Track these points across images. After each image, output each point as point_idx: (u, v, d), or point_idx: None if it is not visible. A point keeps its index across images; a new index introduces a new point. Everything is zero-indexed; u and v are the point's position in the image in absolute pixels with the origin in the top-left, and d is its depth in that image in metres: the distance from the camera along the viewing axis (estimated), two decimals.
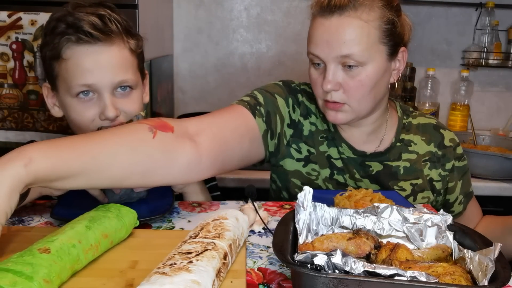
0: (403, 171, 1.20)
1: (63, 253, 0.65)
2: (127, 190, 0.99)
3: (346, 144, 1.20)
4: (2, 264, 0.59)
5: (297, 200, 0.73)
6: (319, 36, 1.07)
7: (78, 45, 0.98)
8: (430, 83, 2.45)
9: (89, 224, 0.73)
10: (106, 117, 1.00)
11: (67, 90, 1.02)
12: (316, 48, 1.07)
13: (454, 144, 1.24)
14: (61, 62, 1.00)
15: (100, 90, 1.00)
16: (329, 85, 1.05)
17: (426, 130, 1.24)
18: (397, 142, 1.21)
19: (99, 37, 0.98)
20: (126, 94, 1.04)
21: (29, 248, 0.64)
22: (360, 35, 1.03)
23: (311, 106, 1.23)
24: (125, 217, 0.80)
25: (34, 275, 0.58)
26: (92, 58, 0.98)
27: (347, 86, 1.06)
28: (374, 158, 1.20)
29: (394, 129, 1.22)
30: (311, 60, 1.11)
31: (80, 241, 0.69)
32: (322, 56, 1.06)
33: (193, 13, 2.41)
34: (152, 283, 0.56)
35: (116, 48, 1.01)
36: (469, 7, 2.41)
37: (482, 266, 0.61)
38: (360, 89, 1.06)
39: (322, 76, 1.08)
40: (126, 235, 0.81)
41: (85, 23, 0.97)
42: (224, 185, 1.75)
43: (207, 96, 2.50)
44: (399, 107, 1.26)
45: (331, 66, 1.06)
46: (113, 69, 1.00)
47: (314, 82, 1.12)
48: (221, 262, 0.65)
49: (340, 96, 1.07)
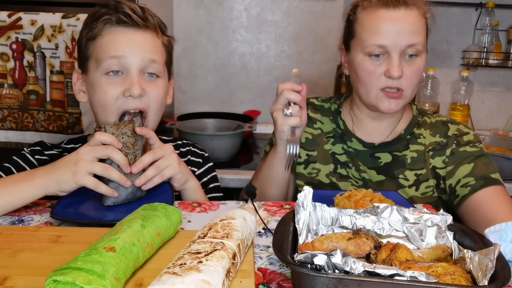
0: (410, 161, 1.25)
1: (126, 252, 0.66)
2: (133, 189, 0.99)
3: (356, 138, 1.29)
4: (71, 263, 0.60)
5: (297, 200, 0.73)
6: (387, 27, 1.13)
7: (117, 26, 1.06)
8: (430, 83, 2.45)
9: (143, 223, 0.74)
10: (131, 93, 1.03)
11: (97, 67, 1.06)
12: (384, 38, 1.13)
13: (460, 132, 1.26)
14: (96, 40, 1.07)
15: (129, 67, 1.05)
16: (397, 71, 1.13)
17: (434, 125, 1.29)
18: (407, 135, 1.28)
19: (137, 21, 1.06)
20: (152, 80, 1.09)
21: (94, 247, 0.64)
22: (421, 26, 1.16)
23: (316, 115, 1.35)
24: (172, 216, 0.81)
25: (105, 273, 0.59)
26: (126, 36, 1.06)
27: (408, 73, 1.15)
28: (384, 149, 1.27)
29: (406, 123, 1.29)
30: (370, 52, 1.16)
31: (139, 240, 0.70)
32: (391, 45, 1.13)
33: (193, 13, 2.41)
34: (163, 283, 0.56)
35: (150, 34, 1.09)
36: (469, 7, 2.41)
37: (482, 266, 0.62)
38: (416, 76, 1.17)
39: (382, 66, 1.15)
40: (173, 233, 0.82)
41: (126, 6, 1.06)
42: (224, 185, 1.75)
43: (207, 96, 2.50)
44: (415, 108, 1.33)
45: (397, 55, 1.14)
46: (145, 49, 1.07)
47: (371, 73, 1.17)
48: (230, 262, 0.65)
49: (402, 83, 1.16)
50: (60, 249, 0.77)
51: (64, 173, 0.93)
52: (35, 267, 0.70)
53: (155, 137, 1.03)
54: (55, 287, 0.58)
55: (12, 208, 0.95)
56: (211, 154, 1.38)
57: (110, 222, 0.83)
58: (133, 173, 0.98)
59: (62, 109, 1.71)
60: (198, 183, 1.13)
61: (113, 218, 0.92)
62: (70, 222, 0.90)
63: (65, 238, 0.81)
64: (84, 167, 0.92)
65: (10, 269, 0.69)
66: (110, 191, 0.96)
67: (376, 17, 1.15)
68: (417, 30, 1.14)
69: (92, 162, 0.93)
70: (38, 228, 0.86)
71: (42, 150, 1.19)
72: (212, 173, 1.30)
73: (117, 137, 0.96)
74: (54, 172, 0.93)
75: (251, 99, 2.51)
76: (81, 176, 0.92)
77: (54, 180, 0.93)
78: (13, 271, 0.68)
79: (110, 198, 0.97)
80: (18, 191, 0.93)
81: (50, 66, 1.68)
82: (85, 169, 0.92)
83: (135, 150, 0.99)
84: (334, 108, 1.37)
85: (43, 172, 0.95)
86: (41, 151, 1.19)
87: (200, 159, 1.29)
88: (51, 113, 1.71)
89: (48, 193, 0.94)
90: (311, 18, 2.43)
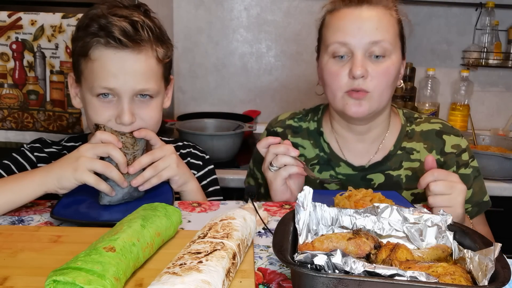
0: (405, 180, 1.19)
1: (126, 252, 0.66)
2: (130, 189, 0.99)
3: (344, 162, 1.21)
4: (71, 263, 0.60)
5: (297, 200, 0.73)
6: (349, 24, 1.09)
7: (107, 48, 0.99)
8: (430, 83, 2.45)
9: (143, 223, 0.74)
10: (121, 122, 1.01)
11: (88, 89, 1.03)
12: (345, 36, 1.09)
13: (458, 150, 1.21)
14: (87, 61, 1.02)
15: (120, 95, 1.01)
16: (360, 69, 1.07)
17: (428, 137, 1.23)
18: (398, 150, 1.21)
19: (128, 44, 0.99)
20: (145, 101, 1.05)
21: (94, 247, 0.64)
22: (388, 24, 1.10)
23: (296, 139, 1.27)
24: (172, 216, 0.81)
25: (105, 273, 0.59)
26: (117, 63, 1.00)
27: (374, 73, 1.09)
28: (375, 169, 1.20)
29: (395, 136, 1.22)
30: (335, 53, 1.11)
31: (139, 240, 0.70)
32: (353, 43, 1.08)
33: (193, 13, 2.41)
34: (163, 283, 0.56)
35: (143, 56, 1.02)
36: (469, 7, 2.41)
37: (482, 266, 0.61)
38: (385, 77, 1.10)
39: (346, 66, 1.10)
40: (173, 233, 0.82)
41: (116, 28, 0.98)
42: (224, 185, 1.75)
43: (207, 96, 2.50)
44: (402, 114, 1.26)
45: (360, 53, 1.08)
46: (136, 77, 1.01)
47: (335, 74, 1.11)
48: (230, 262, 0.65)
49: (367, 83, 1.09)
50: (60, 249, 0.77)
51: (65, 169, 0.93)
52: (35, 267, 0.70)
53: (155, 138, 1.03)
54: (55, 287, 0.58)
55: (13, 206, 0.95)
56: (211, 154, 1.38)
57: (110, 222, 0.82)
58: (130, 173, 0.98)
59: (62, 109, 1.71)
60: (198, 185, 1.13)
61: (113, 218, 0.92)
62: (70, 222, 0.90)
63: (65, 238, 0.81)
64: (85, 163, 0.93)
65: (10, 269, 0.69)
66: (109, 189, 0.96)
67: (339, 16, 1.12)
68: (382, 27, 1.09)
69: (93, 159, 0.94)
70: (38, 228, 0.86)
71: (42, 147, 1.19)
72: (212, 176, 1.29)
73: (116, 136, 0.97)
74: (55, 169, 0.94)
75: (251, 99, 2.50)
76: (82, 172, 0.92)
77: (55, 177, 0.93)
78: (13, 271, 0.68)
79: (106, 197, 0.97)
80: (18, 188, 0.94)
81: (50, 66, 1.68)
82: (86, 165, 0.93)
83: (135, 151, 0.99)
84: (314, 127, 1.29)
85: (44, 170, 0.95)
86: (40, 148, 1.19)
87: (200, 162, 1.28)
88: (51, 113, 1.71)
89: (48, 190, 0.94)
90: (311, 18, 2.41)
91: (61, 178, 0.93)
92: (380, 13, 1.10)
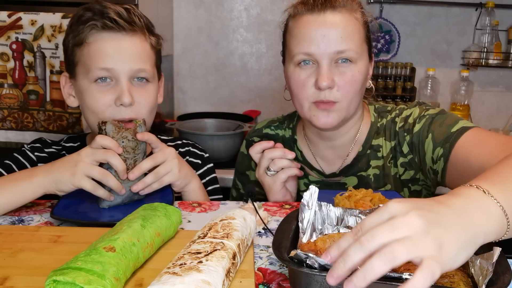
0: (373, 180, 1.16)
1: (126, 251, 0.66)
2: (130, 193, 0.99)
3: (316, 170, 1.20)
4: (71, 263, 0.60)
5: (302, 199, 0.74)
6: (313, 33, 1.03)
7: (103, 31, 1.03)
8: (430, 83, 2.45)
9: (143, 223, 0.74)
10: (122, 102, 1.02)
11: (86, 74, 1.04)
12: (309, 45, 1.03)
13: (405, 121, 1.12)
14: (83, 47, 1.04)
15: (118, 76, 1.03)
16: (326, 81, 1.02)
17: (388, 127, 1.16)
18: (367, 150, 1.17)
19: (124, 26, 1.03)
20: (142, 85, 1.07)
21: (94, 247, 0.64)
22: (354, 31, 1.05)
23: None
24: (172, 216, 0.81)
25: (105, 273, 0.59)
26: (114, 43, 1.03)
27: (341, 83, 1.04)
28: (347, 173, 1.17)
29: (364, 137, 1.18)
30: (299, 61, 1.06)
31: (139, 240, 0.70)
32: (318, 52, 1.03)
33: (193, 13, 2.41)
34: (163, 283, 0.56)
35: (138, 39, 1.06)
36: (469, 7, 2.41)
37: (483, 270, 0.60)
38: (353, 86, 1.05)
39: (312, 76, 1.05)
40: (173, 233, 0.82)
41: (111, 11, 1.03)
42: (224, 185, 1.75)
43: (207, 96, 2.50)
44: (374, 110, 1.20)
45: (326, 62, 1.03)
46: (133, 57, 1.05)
47: (302, 84, 1.06)
48: (230, 262, 0.65)
49: (334, 94, 1.04)
50: (60, 249, 0.77)
51: (63, 173, 0.93)
52: (35, 267, 0.70)
53: (156, 141, 1.01)
54: (55, 287, 0.58)
55: (13, 206, 0.95)
56: (211, 154, 1.37)
57: (110, 222, 0.83)
58: (130, 179, 0.97)
59: (62, 109, 1.71)
60: (200, 184, 1.12)
61: (113, 218, 0.92)
62: (70, 222, 0.90)
63: (65, 238, 0.81)
64: (83, 169, 0.92)
65: (10, 269, 0.69)
66: (107, 194, 0.96)
67: (302, 23, 1.06)
68: (347, 35, 1.03)
69: (91, 165, 0.93)
70: (38, 228, 0.86)
71: (42, 147, 1.19)
72: (211, 175, 1.28)
73: (117, 141, 0.95)
74: (54, 172, 0.94)
75: (251, 99, 2.51)
76: (80, 178, 0.92)
77: (53, 180, 0.93)
78: (13, 271, 0.68)
79: (105, 201, 0.97)
80: (18, 189, 0.94)
81: (50, 66, 1.68)
82: (84, 171, 0.92)
83: (136, 155, 0.98)
84: (289, 134, 1.26)
85: (43, 171, 0.95)
86: (41, 148, 1.19)
87: (199, 160, 1.28)
88: (51, 113, 1.71)
89: (47, 191, 0.94)
90: None
91: (59, 181, 0.93)
92: (345, 19, 1.04)
